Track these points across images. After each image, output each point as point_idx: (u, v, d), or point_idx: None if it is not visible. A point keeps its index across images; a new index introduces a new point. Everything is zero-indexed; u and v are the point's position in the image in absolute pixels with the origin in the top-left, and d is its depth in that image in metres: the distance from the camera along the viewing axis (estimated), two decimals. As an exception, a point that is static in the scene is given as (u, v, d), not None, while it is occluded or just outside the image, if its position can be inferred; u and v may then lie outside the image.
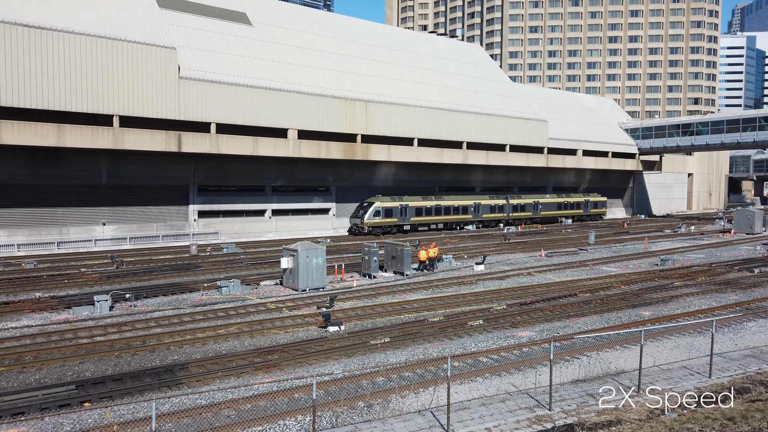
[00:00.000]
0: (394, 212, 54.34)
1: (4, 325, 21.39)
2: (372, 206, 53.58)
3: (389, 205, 54.26)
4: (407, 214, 55.33)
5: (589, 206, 75.51)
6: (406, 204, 55.38)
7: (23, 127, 37.79)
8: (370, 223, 53.08)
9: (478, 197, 63.17)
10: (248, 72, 48.52)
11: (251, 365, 17.08)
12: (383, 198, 54.68)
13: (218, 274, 32.60)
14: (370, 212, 53.09)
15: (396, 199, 55.14)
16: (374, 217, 53.20)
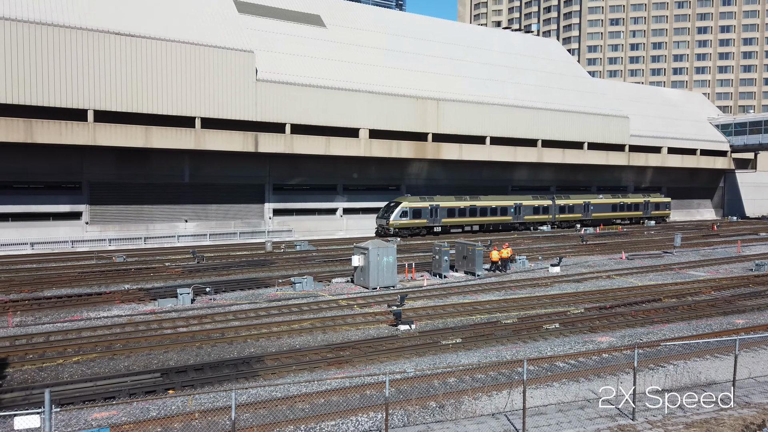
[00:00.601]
0: (423, 213, 51.14)
1: (97, 314, 22.86)
2: (399, 206, 50.34)
3: (418, 205, 51.10)
4: (438, 215, 52.08)
5: (649, 207, 68.91)
6: (436, 204, 52.04)
7: (115, 129, 40.35)
8: (396, 224, 49.87)
9: (519, 197, 58.65)
10: (321, 73, 49.45)
11: (324, 360, 17.30)
12: (412, 198, 51.70)
13: (292, 271, 33.37)
14: (397, 213, 49.94)
15: (426, 199, 51.98)
16: (401, 218, 50.02)
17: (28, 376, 15.89)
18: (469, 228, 54.73)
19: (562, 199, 61.26)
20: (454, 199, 53.66)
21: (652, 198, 69.72)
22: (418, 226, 51.35)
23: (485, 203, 55.46)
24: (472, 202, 54.58)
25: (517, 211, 57.38)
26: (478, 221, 55.02)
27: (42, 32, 37.80)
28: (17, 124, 37.17)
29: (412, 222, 50.71)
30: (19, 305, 23.76)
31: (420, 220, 51.11)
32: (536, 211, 58.91)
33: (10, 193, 41.30)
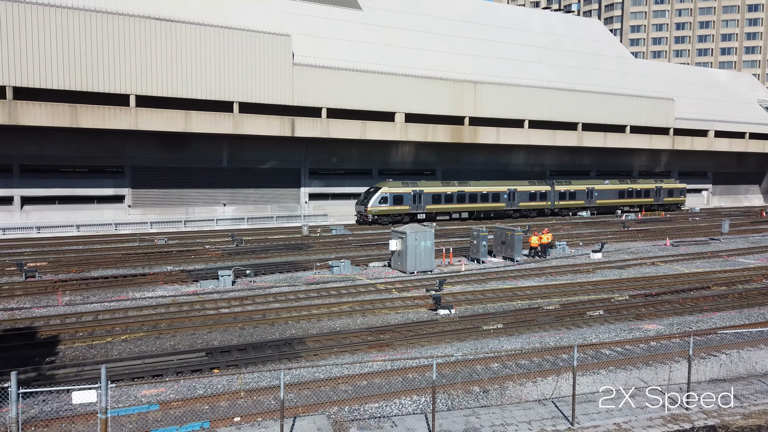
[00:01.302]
0: (405, 199, 48.29)
1: (142, 294, 23.40)
2: (378, 192, 47.63)
3: (399, 190, 48.21)
4: (422, 202, 49.12)
5: (661, 194, 63.80)
6: (420, 190, 49.01)
7: (156, 114, 41.03)
8: (374, 210, 47.23)
9: (514, 183, 54.74)
10: (357, 56, 49.15)
11: (365, 343, 17.29)
12: (393, 183, 49.00)
13: (328, 254, 33.50)
14: (375, 199, 47.19)
15: (408, 184, 49.13)
16: (380, 204, 47.27)
17: (78, 353, 16.36)
18: (457, 215, 51.77)
19: (562, 185, 57.08)
20: (440, 185, 50.94)
21: (665, 183, 64.73)
22: (400, 213, 48.51)
23: (475, 189, 52.11)
24: (461, 187, 51.43)
25: (511, 197, 53.91)
26: (468, 208, 51.94)
27: (86, 18, 38.53)
28: (63, 109, 38.15)
29: (392, 209, 47.92)
30: (68, 285, 24.50)
31: (401, 206, 48.29)
32: (533, 198, 55.14)
33: (57, 176, 42.59)
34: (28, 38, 36.95)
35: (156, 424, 11.92)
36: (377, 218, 47.76)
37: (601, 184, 59.73)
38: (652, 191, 63.37)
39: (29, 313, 20.31)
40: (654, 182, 64.13)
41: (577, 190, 57.86)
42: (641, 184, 62.78)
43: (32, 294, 23.06)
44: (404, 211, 48.71)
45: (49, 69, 37.74)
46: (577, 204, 58.23)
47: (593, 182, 59.58)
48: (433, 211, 50.18)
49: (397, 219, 48.57)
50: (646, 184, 63.20)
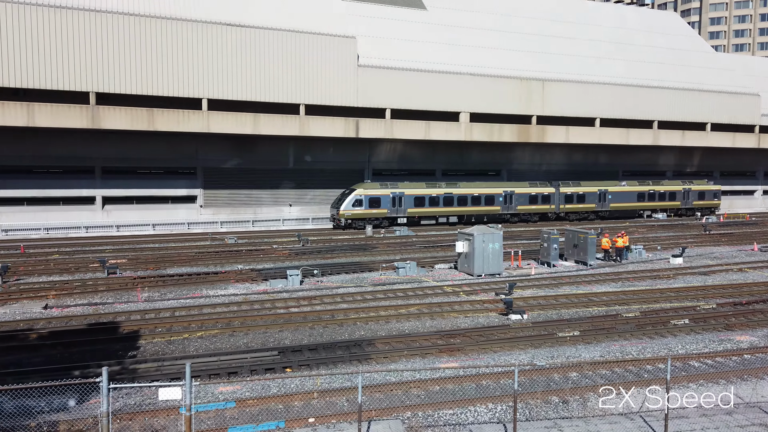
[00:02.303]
0: (382, 202, 45.27)
1: (215, 292, 24.02)
2: (352, 194, 45.12)
3: (375, 192, 45.25)
4: (402, 205, 46.01)
5: (690, 197, 57.45)
6: (400, 192, 45.87)
7: (226, 117, 42.28)
8: (347, 214, 44.57)
9: (511, 184, 50.97)
10: (422, 56, 48.85)
11: (435, 347, 16.96)
12: (370, 184, 46.29)
13: (393, 256, 33.37)
14: (349, 202, 44.55)
15: (387, 186, 46.03)
16: (353, 207, 44.59)
17: (158, 348, 16.90)
18: (445, 219, 48.32)
19: (568, 187, 52.39)
20: (425, 186, 47.60)
21: (695, 185, 58.21)
22: (377, 217, 45.59)
23: (465, 191, 48.44)
24: (449, 189, 47.93)
25: (507, 200, 49.88)
26: (457, 212, 48.30)
27: (161, 26, 40.20)
28: (141, 113, 39.95)
29: (368, 212, 45.04)
30: (146, 281, 25.53)
31: (378, 210, 45.34)
32: (533, 201, 50.91)
33: (135, 177, 44.69)
34: (108, 46, 38.89)
35: (233, 421, 12.06)
36: (351, 222, 45.03)
37: (615, 186, 54.66)
38: (679, 193, 57.26)
39: (112, 308, 21.25)
40: (681, 183, 57.97)
41: (586, 193, 52.95)
42: (665, 186, 56.88)
43: (114, 290, 24.15)
44: (382, 214, 45.66)
45: (127, 75, 39.61)
46: (587, 208, 53.25)
47: (606, 184, 54.60)
48: (415, 215, 47.02)
49: (374, 224, 45.49)
50: (671, 185, 57.21)
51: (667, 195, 56.54)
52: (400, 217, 46.43)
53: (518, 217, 50.92)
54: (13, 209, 41.76)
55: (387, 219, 46.01)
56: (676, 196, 57.06)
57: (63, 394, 12.29)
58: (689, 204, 57.99)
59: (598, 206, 53.37)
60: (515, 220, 50.75)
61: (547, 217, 51.97)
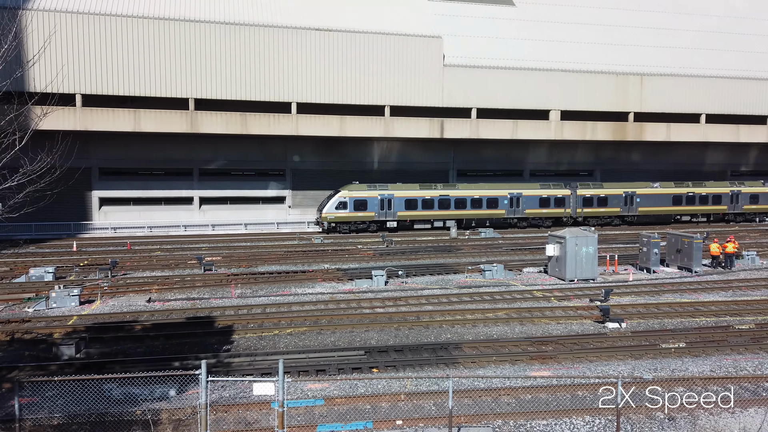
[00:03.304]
0: (369, 204, 42.77)
1: (303, 290, 24.53)
2: (336, 196, 42.87)
3: (362, 195, 42.81)
4: (392, 208, 43.34)
5: (740, 200, 50.04)
6: (390, 194, 43.17)
7: (314, 120, 43.32)
8: (330, 217, 42.45)
9: (519, 186, 46.94)
10: (509, 54, 47.59)
11: (525, 354, 16.29)
12: (356, 186, 43.65)
13: (478, 258, 32.66)
14: (332, 204, 42.44)
15: (376, 188, 43.48)
16: (337, 210, 42.43)
17: (250, 343, 17.42)
18: (441, 224, 44.88)
19: (587, 189, 47.41)
20: (418, 188, 44.51)
21: (746, 187, 50.71)
22: (363, 221, 43.26)
23: (463, 193, 45.03)
24: (445, 191, 44.69)
25: (514, 203, 45.79)
26: (454, 215, 44.67)
27: (252, 33, 41.84)
28: (235, 118, 41.80)
29: (352, 215, 42.73)
30: (239, 278, 26.55)
31: (365, 212, 42.93)
32: (544, 204, 46.36)
33: (229, 179, 46.85)
34: (206, 54, 41.01)
35: (322, 419, 12.12)
36: (334, 226, 43.04)
37: (645, 188, 48.50)
38: (725, 196, 49.96)
39: (208, 303, 22.25)
40: (729, 185, 50.66)
41: (609, 195, 47.49)
42: (709, 188, 49.76)
43: (210, 286, 25.32)
44: (368, 218, 43.27)
45: (222, 82, 41.58)
46: (610, 212, 47.85)
47: (635, 185, 48.74)
48: (407, 218, 44.20)
49: (360, 228, 43.59)
50: (716, 187, 50.13)
51: (710, 198, 49.60)
52: (390, 221, 43.82)
53: (527, 222, 46.70)
54: (121, 209, 45.10)
55: (374, 223, 43.67)
56: (722, 199, 49.92)
57: (164, 383, 12.89)
58: (739, 208, 50.56)
59: (624, 210, 48.05)
60: (524, 225, 46.61)
61: (561, 222, 46.96)
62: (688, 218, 50.05)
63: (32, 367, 14.79)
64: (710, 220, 50.42)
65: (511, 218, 46.16)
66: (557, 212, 46.68)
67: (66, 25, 37.93)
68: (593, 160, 53.10)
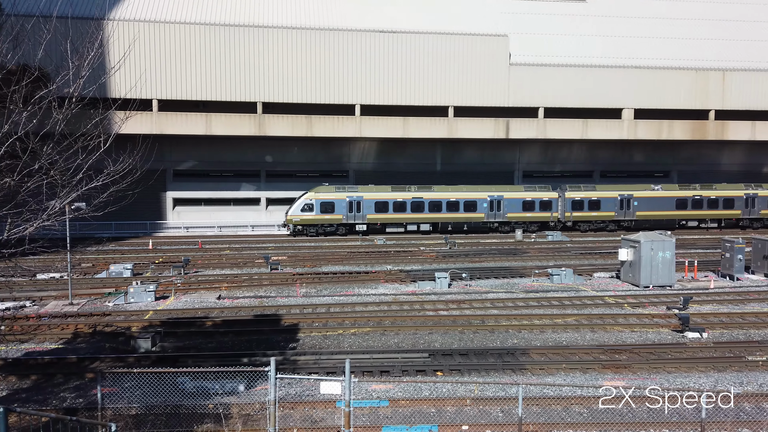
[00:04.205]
0: (336, 207, 41.50)
1: (366, 291, 24.63)
2: (301, 198, 41.69)
3: (329, 196, 41.50)
4: (362, 210, 41.85)
5: (756, 204, 45.42)
6: (359, 196, 41.69)
7: (377, 122, 43.56)
8: (295, 220, 41.22)
9: (501, 188, 44.13)
10: (579, 51, 46.07)
11: (597, 362, 15.60)
12: (324, 188, 42.30)
13: (546, 262, 31.74)
14: (297, 206, 41.31)
15: (344, 190, 42.25)
16: (303, 212, 41.19)
17: (315, 342, 17.62)
18: (415, 228, 43.02)
19: (578, 191, 44.34)
20: (390, 190, 42.71)
21: (763, 190, 45.85)
22: (330, 223, 41.94)
23: (438, 195, 42.76)
24: (418, 193, 42.59)
25: (494, 206, 43.25)
26: (428, 219, 42.80)
27: (318, 37, 42.57)
28: (301, 120, 42.67)
29: (319, 218, 41.46)
30: (304, 278, 27.00)
31: (332, 215, 41.63)
32: (528, 208, 43.61)
33: (294, 180, 47.84)
34: (272, 59, 42.10)
35: (386, 420, 12.05)
36: (301, 229, 41.78)
37: (644, 191, 44.87)
38: (739, 200, 45.41)
39: (274, 302, 22.73)
40: (744, 188, 45.97)
41: (602, 198, 44.22)
42: (719, 190, 45.54)
43: (276, 284, 25.88)
44: (336, 221, 41.95)
45: (288, 85, 42.54)
46: (603, 216, 44.50)
47: (632, 187, 45.24)
48: (377, 221, 42.50)
49: (328, 231, 42.23)
50: (727, 190, 45.75)
51: (720, 202, 45.29)
52: (359, 224, 42.37)
53: (509, 227, 43.99)
54: (192, 209, 47.01)
55: (343, 226, 42.37)
56: (733, 203, 45.53)
57: (233, 378, 13.22)
58: (755, 213, 45.96)
59: (619, 215, 44.66)
60: (506, 230, 43.99)
61: (548, 227, 44.56)
62: (696, 224, 45.89)
63: (112, 359, 15.56)
64: (722, 226, 46.14)
65: (491, 222, 43.95)
66: (543, 216, 44.10)
67: (144, 33, 39.97)
68: (668, 160, 50.45)
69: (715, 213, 45.61)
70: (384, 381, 13.98)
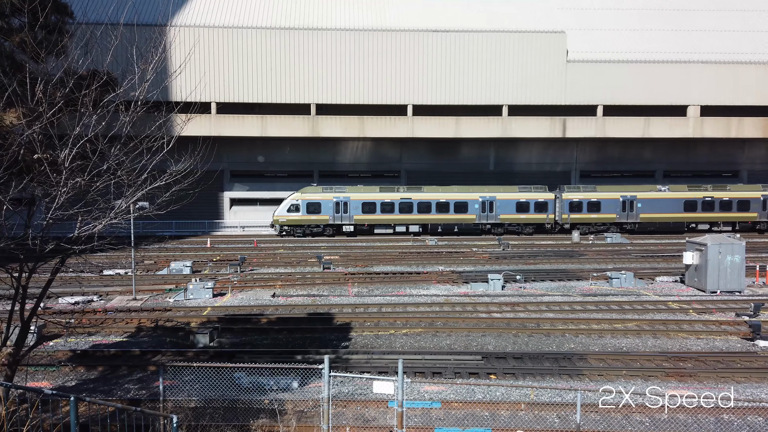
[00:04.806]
0: (323, 207, 41.45)
1: (418, 291, 24.54)
2: (288, 198, 41.79)
3: (316, 197, 41.51)
4: (348, 211, 41.66)
5: None
6: (346, 197, 41.54)
7: (429, 122, 43.40)
8: (282, 220, 41.49)
9: (494, 189, 42.99)
10: (640, 46, 44.43)
11: (659, 370, 14.95)
12: (311, 188, 42.35)
13: (604, 264, 30.71)
14: (283, 207, 41.48)
15: (331, 190, 42.04)
16: (289, 212, 41.30)
17: (367, 341, 17.68)
18: (404, 229, 42.44)
19: (576, 192, 42.78)
20: (377, 191, 42.34)
21: None
22: (317, 224, 41.88)
23: (428, 196, 42.07)
24: (407, 194, 42.05)
25: (486, 207, 42.21)
26: (417, 220, 42.21)
27: (370, 38, 42.81)
28: (353, 121, 43.05)
29: (305, 218, 41.46)
30: (356, 277, 27.17)
31: (318, 216, 41.58)
32: (523, 209, 42.36)
33: (345, 181, 48.22)
34: (325, 61, 42.65)
35: (439, 422, 11.94)
36: (287, 229, 42.05)
37: (649, 192, 42.56)
38: (755, 202, 42.40)
39: (327, 300, 22.98)
40: (762, 188, 42.95)
41: (602, 200, 42.23)
42: (733, 192, 42.76)
43: (328, 283, 26.17)
44: (323, 221, 41.92)
45: (340, 86, 42.99)
46: (604, 218, 42.56)
47: (636, 188, 43.09)
48: (364, 222, 42.27)
49: (315, 231, 42.21)
50: (744, 191, 43.06)
51: (734, 204, 42.50)
52: (346, 225, 42.41)
53: (503, 228, 43.03)
54: (248, 208, 48.22)
55: (330, 226, 42.38)
56: (748, 205, 42.53)
57: (287, 375, 13.43)
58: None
59: (621, 217, 42.64)
60: (500, 232, 42.91)
61: (544, 230, 43.39)
62: (707, 227, 43.14)
63: (172, 353, 16.12)
64: (736, 229, 43.07)
65: (483, 224, 43.01)
66: (538, 218, 42.87)
67: (203, 38, 41.33)
68: (738, 159, 47.84)
69: (728, 216, 43.16)
70: (436, 382, 13.88)
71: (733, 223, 43.56)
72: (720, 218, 43.15)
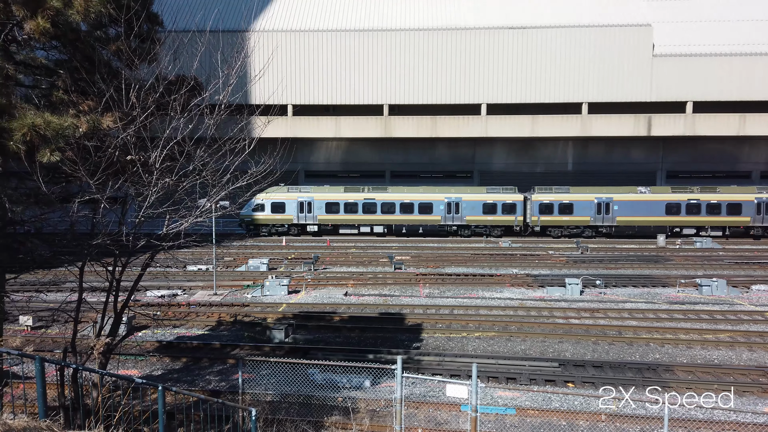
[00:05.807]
0: (287, 207, 41.35)
1: (491, 294, 24.07)
2: (254, 198, 39.84)
3: (280, 197, 41.33)
4: (311, 211, 41.51)
5: None
6: (309, 197, 41.38)
7: (504, 121, 42.54)
8: (247, 219, 41.69)
9: (460, 190, 41.52)
10: (735, 38, 41.42)
11: (756, 385, 13.87)
12: (277, 188, 40.86)
13: (693, 271, 28.87)
14: (249, 205, 40.84)
15: (297, 190, 42.01)
16: (254, 212, 41.27)
17: (438, 343, 17.53)
18: (368, 229, 42.00)
19: (546, 194, 40.60)
20: (342, 191, 42.06)
21: None
22: (281, 223, 41.84)
23: (391, 197, 41.35)
24: (370, 195, 41.54)
25: (452, 209, 40.75)
26: (381, 221, 41.60)
27: (443, 37, 42.47)
28: (425, 121, 42.92)
29: (270, 217, 41.56)
30: (427, 278, 27.03)
31: (282, 215, 41.54)
32: (490, 211, 40.75)
33: (418, 181, 48.18)
34: (398, 61, 42.75)
35: (513, 429, 11.65)
36: (253, 228, 42.17)
37: (627, 193, 39.99)
38: (748, 205, 39.08)
39: (398, 301, 23.01)
40: (757, 191, 39.65)
41: (575, 202, 40.06)
42: (722, 194, 39.49)
43: (399, 284, 26.20)
44: (287, 221, 41.86)
45: (413, 87, 42.96)
46: (577, 221, 40.42)
47: (612, 190, 40.51)
48: (328, 222, 42.09)
49: (281, 230, 42.02)
50: (734, 193, 39.70)
51: (724, 207, 39.32)
52: (310, 225, 42.35)
53: (470, 230, 41.46)
54: (322, 208, 49.16)
55: (294, 226, 42.36)
56: (740, 209, 39.30)
57: (360, 373, 13.55)
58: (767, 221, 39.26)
59: (596, 220, 40.35)
60: (467, 234, 41.40)
61: (513, 232, 41.75)
62: (693, 231, 40.23)
63: (250, 347, 16.70)
64: (726, 234, 40.00)
65: (448, 225, 41.68)
66: (505, 220, 41.34)
67: (281, 42, 42.61)
68: None
69: (716, 219, 40.17)
70: (511, 388, 13.53)
71: (722, 227, 40.61)
72: (707, 222, 40.40)
